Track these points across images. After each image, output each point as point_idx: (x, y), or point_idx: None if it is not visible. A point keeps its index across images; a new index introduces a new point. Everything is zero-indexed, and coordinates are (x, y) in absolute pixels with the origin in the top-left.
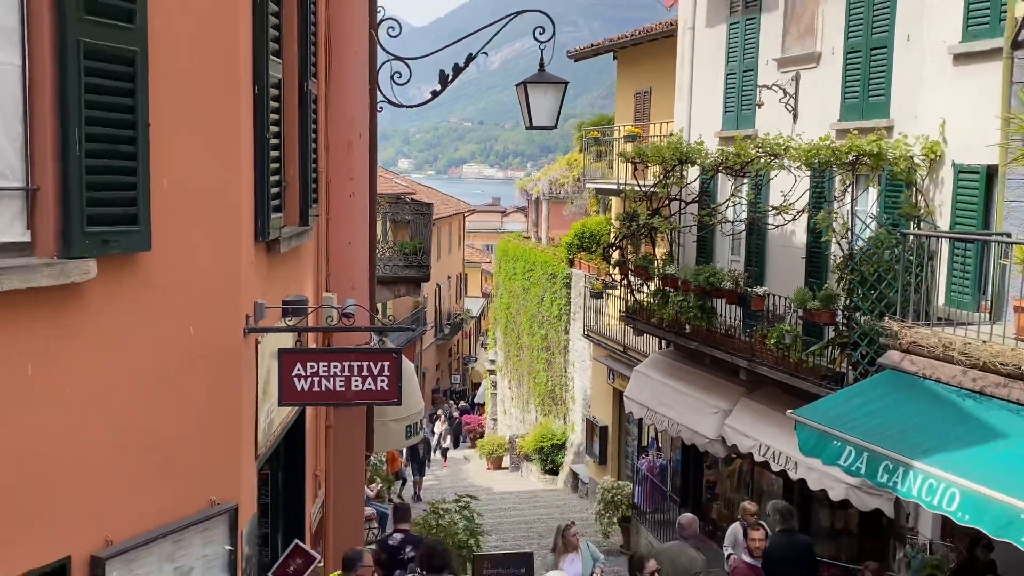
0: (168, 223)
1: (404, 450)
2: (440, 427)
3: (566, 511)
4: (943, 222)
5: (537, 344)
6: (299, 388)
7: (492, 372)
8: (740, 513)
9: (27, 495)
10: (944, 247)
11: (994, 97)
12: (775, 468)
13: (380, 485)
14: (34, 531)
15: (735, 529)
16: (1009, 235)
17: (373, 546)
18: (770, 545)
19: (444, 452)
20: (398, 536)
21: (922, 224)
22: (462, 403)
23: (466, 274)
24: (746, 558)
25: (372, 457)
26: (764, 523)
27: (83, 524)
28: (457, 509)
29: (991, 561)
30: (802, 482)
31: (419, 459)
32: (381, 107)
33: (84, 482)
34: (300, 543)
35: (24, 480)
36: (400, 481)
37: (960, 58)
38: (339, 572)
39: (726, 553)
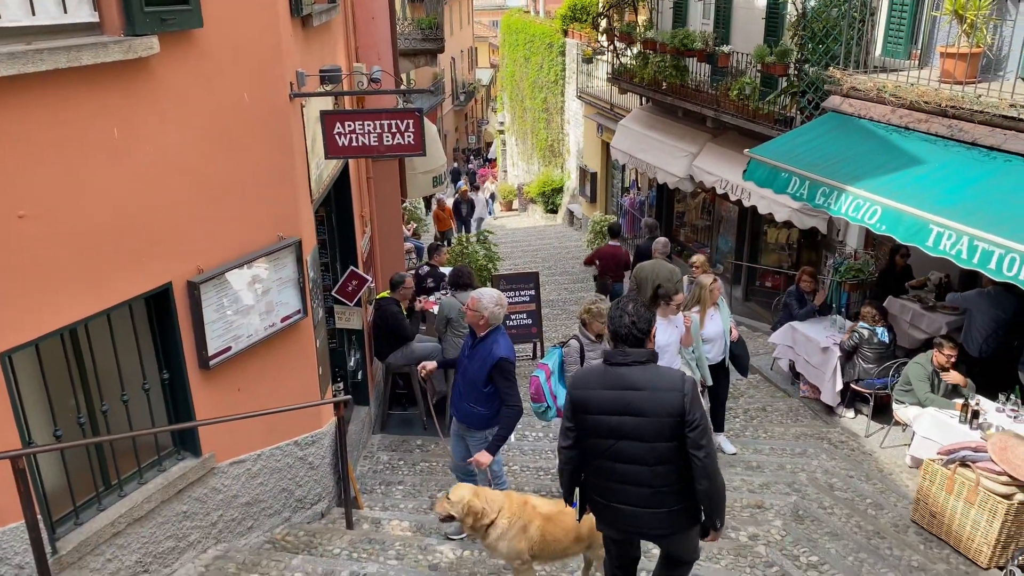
0: (216, 2)
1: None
2: (491, 186)
3: (564, 240)
4: None
5: (538, 106)
6: (340, 144)
7: (502, 132)
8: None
9: (130, 236)
10: (884, 3)
11: None
12: (732, 198)
13: (416, 225)
14: (140, 264)
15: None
16: None
17: (411, 272)
18: (640, 246)
19: (491, 212)
20: (426, 268)
21: None
22: (477, 160)
23: (476, 48)
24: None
25: (407, 202)
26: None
27: (178, 257)
28: (478, 241)
29: (907, 265)
30: (753, 208)
31: (462, 217)
32: None
33: (174, 223)
34: (355, 268)
35: (125, 223)
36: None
37: None
38: (387, 291)
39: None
